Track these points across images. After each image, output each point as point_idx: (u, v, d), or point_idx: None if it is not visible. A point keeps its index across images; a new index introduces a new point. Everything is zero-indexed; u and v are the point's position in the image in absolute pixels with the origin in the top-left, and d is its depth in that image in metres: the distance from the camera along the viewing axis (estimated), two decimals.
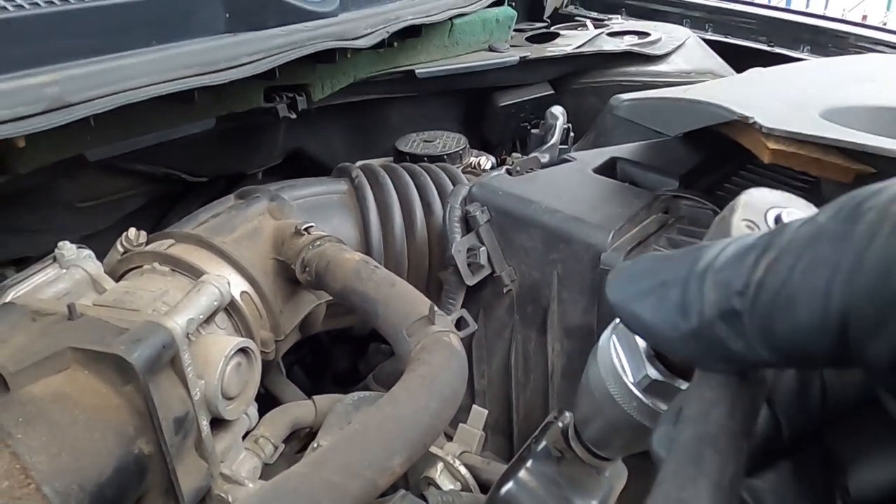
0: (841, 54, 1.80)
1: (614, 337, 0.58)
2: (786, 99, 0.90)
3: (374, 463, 0.60)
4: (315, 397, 1.00)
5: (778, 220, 0.45)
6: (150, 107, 0.86)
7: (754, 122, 0.77)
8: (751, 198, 0.46)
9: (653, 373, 0.54)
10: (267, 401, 1.05)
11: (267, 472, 0.89)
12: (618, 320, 0.59)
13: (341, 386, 1.48)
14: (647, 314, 0.36)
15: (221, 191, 1.46)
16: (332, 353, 1.56)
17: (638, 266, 0.41)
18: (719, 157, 1.07)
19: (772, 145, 0.76)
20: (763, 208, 0.46)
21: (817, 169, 0.76)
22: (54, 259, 0.88)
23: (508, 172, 1.02)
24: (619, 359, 0.57)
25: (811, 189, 1.06)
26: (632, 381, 0.55)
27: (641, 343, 0.56)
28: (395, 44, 1.31)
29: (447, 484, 0.81)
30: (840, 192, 0.72)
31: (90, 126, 0.80)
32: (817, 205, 0.49)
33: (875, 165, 0.72)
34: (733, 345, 0.30)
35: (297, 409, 0.98)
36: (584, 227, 0.87)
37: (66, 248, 0.87)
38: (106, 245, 0.96)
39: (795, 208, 0.47)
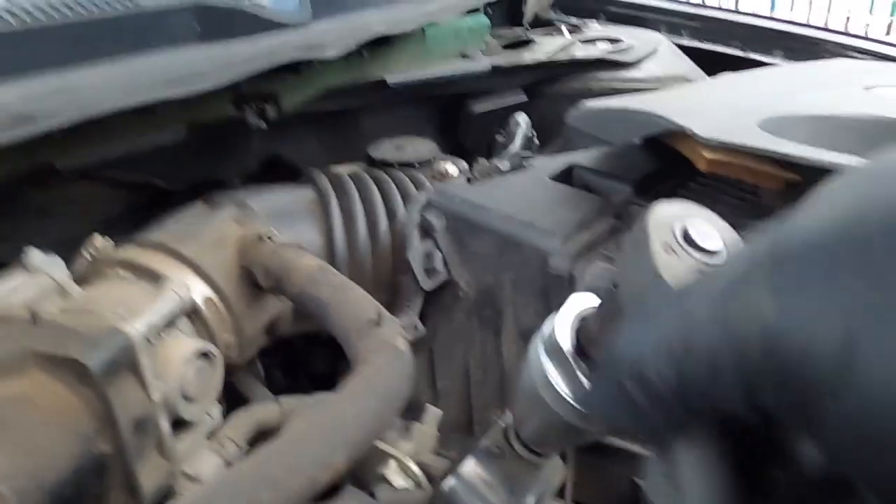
0: (812, 59, 1.83)
1: (542, 351, 0.60)
2: (731, 107, 0.94)
3: (316, 460, 0.63)
4: (281, 398, 1.02)
5: (685, 233, 0.48)
6: (114, 119, 0.89)
7: (692, 133, 0.80)
8: (657, 217, 0.49)
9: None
10: (238, 402, 1.07)
11: None
12: (544, 330, 0.62)
13: (320, 387, 1.50)
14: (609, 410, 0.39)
15: (200, 198, 1.49)
16: (311, 355, 1.59)
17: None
18: (672, 166, 1.10)
19: (708, 155, 0.79)
20: (669, 223, 0.49)
21: (751, 177, 0.79)
22: (21, 265, 0.91)
23: (467, 179, 1.05)
24: (552, 372, 0.60)
25: (756, 195, 1.09)
26: (569, 394, 0.58)
27: (568, 353, 0.59)
28: (365, 53, 1.34)
29: (400, 481, 0.84)
30: (777, 199, 0.76)
31: (55, 138, 0.82)
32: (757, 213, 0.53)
33: (802, 174, 0.76)
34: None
35: (262, 409, 1.00)
36: (533, 233, 0.91)
37: (34, 255, 0.90)
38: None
39: (699, 218, 0.50)
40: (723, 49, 2.03)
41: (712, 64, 1.87)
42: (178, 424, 0.86)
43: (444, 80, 1.56)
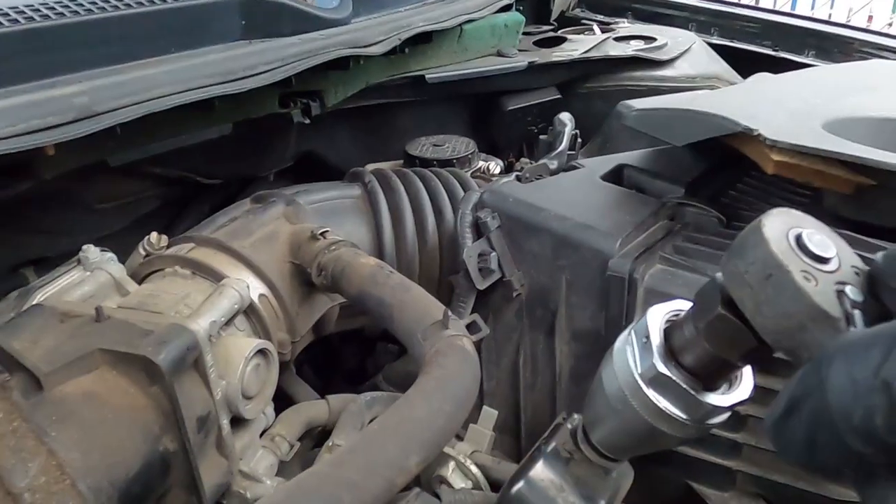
0: (846, 60, 1.82)
1: (631, 335, 0.61)
2: (789, 109, 0.93)
3: (392, 463, 0.62)
4: (329, 397, 1.02)
5: (798, 238, 0.48)
6: (171, 115, 0.89)
7: (759, 135, 0.79)
8: (772, 223, 0.49)
9: (659, 364, 0.57)
10: (279, 400, 1.07)
11: (283, 469, 0.92)
12: (635, 322, 0.62)
13: (350, 385, 1.50)
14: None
15: (233, 193, 1.49)
16: (341, 352, 1.59)
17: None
18: (724, 166, 1.09)
19: (775, 157, 0.78)
20: (784, 230, 0.48)
21: (819, 180, 0.78)
22: (78, 262, 0.91)
23: (518, 179, 1.05)
24: (633, 353, 0.60)
25: (813, 197, 1.08)
26: (638, 371, 0.59)
27: (656, 340, 0.59)
28: (407, 50, 1.33)
29: (459, 482, 0.84)
30: (842, 203, 0.75)
31: (115, 133, 0.82)
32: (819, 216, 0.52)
33: (875, 178, 0.75)
34: None
35: (312, 408, 1.00)
36: (592, 234, 0.90)
37: (91, 251, 0.90)
38: (121, 246, 0.99)
39: (812, 228, 0.50)
40: (754, 48, 2.01)
41: (743, 63, 1.86)
42: (235, 422, 0.85)
43: (480, 77, 1.55)
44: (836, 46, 1.92)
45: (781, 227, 0.50)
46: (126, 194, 1.26)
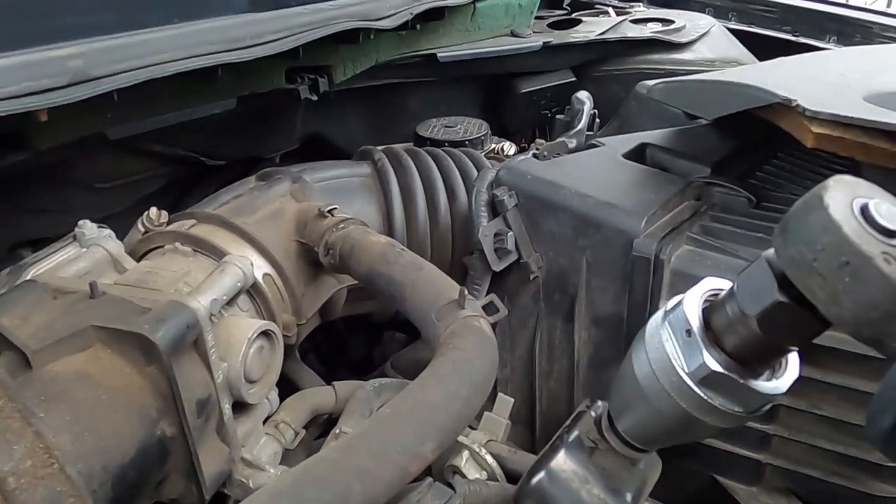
0: (867, 44, 1.76)
1: (667, 323, 0.56)
2: (826, 82, 0.88)
3: (405, 449, 0.58)
4: (335, 383, 0.98)
5: (864, 210, 0.43)
6: (172, 84, 0.85)
7: (797, 105, 0.74)
8: (835, 193, 0.44)
9: (711, 362, 0.52)
10: (284, 386, 1.03)
11: (287, 457, 0.88)
12: (669, 304, 0.57)
13: (356, 374, 1.46)
14: None
15: (239, 175, 1.44)
16: (348, 340, 1.55)
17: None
18: (751, 144, 1.04)
19: (816, 129, 0.73)
20: (848, 201, 0.44)
21: (863, 154, 0.73)
22: (74, 238, 0.87)
23: (535, 157, 1.00)
24: (673, 346, 0.55)
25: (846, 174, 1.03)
26: (686, 370, 0.53)
27: (697, 329, 0.54)
28: (418, 26, 1.28)
29: (473, 472, 0.80)
30: (883, 179, 0.69)
31: (113, 102, 0.78)
32: None
33: None
34: None
35: (318, 394, 0.96)
36: (616, 213, 0.85)
37: (87, 227, 0.86)
38: (123, 227, 0.94)
39: (875, 196, 0.45)
40: (773, 33, 1.96)
41: (762, 48, 1.81)
42: (237, 407, 0.81)
43: (493, 58, 1.50)
44: (857, 31, 1.87)
45: (844, 200, 0.45)
46: (127, 173, 1.22)
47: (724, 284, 0.57)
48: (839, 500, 0.80)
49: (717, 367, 0.52)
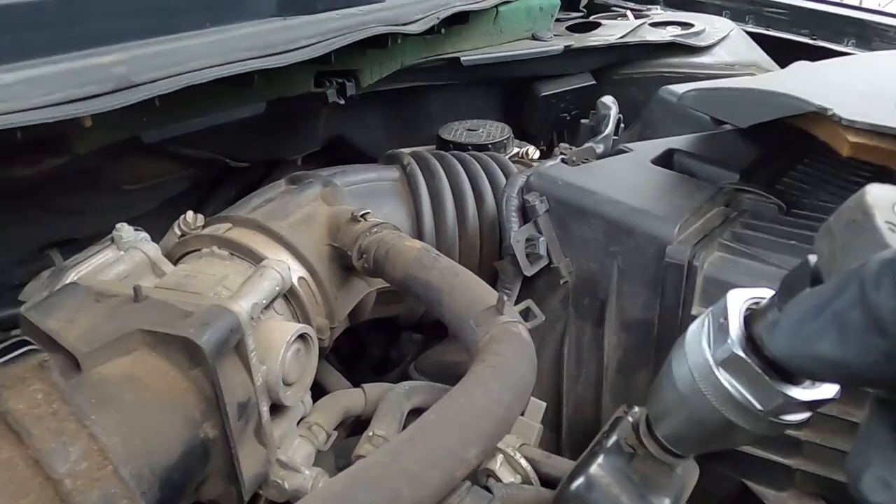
0: (886, 48, 1.76)
1: (708, 317, 0.56)
2: (858, 91, 0.88)
3: (451, 454, 0.59)
4: (364, 385, 0.99)
5: None
6: (209, 89, 0.85)
7: (833, 115, 0.75)
8: (874, 198, 0.45)
9: (735, 347, 0.53)
10: (312, 388, 1.04)
11: (319, 458, 0.89)
12: (711, 309, 0.58)
13: (374, 374, 1.47)
14: (832, 350, 0.35)
15: (260, 176, 1.46)
16: (366, 341, 1.56)
17: (795, 311, 0.40)
18: (778, 150, 1.05)
19: (852, 138, 0.74)
20: (888, 205, 0.44)
21: None
22: (112, 241, 0.88)
23: (564, 162, 1.00)
24: (708, 336, 0.56)
25: (874, 181, 1.03)
26: (712, 353, 0.54)
27: (734, 324, 0.54)
28: (443, 30, 1.29)
29: (507, 476, 0.80)
30: None
31: (153, 107, 0.79)
32: None
33: None
34: None
35: (348, 396, 0.97)
36: (648, 219, 0.86)
37: (125, 230, 0.87)
38: (148, 228, 0.95)
39: None
40: (790, 36, 1.96)
41: (779, 52, 1.80)
42: (274, 409, 0.82)
43: (515, 61, 1.51)
44: (877, 34, 1.86)
45: (886, 195, 0.46)
46: (155, 175, 1.23)
47: (766, 293, 0.58)
48: None
49: (738, 352, 0.52)
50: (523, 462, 0.80)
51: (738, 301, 0.56)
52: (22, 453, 0.56)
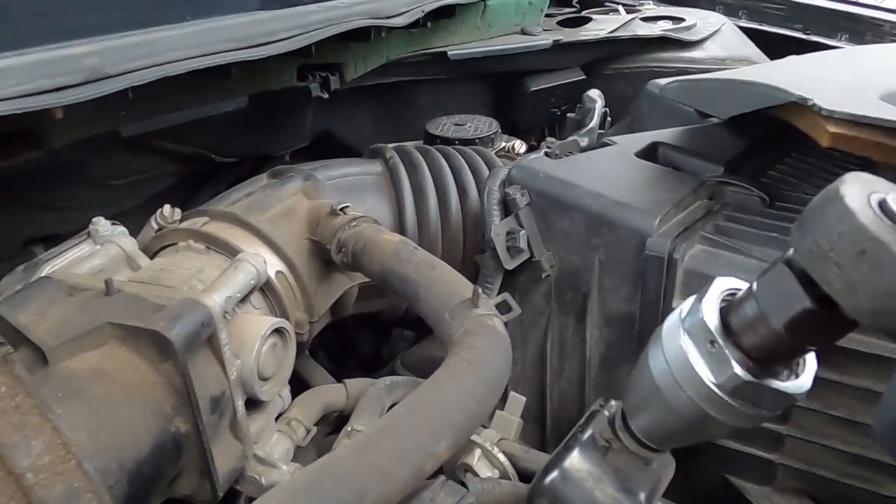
0: (879, 42, 1.75)
1: (686, 328, 0.55)
2: (841, 82, 0.87)
3: (420, 448, 0.58)
4: (346, 381, 0.98)
5: (882, 204, 0.43)
6: (186, 82, 0.85)
7: (813, 105, 0.74)
8: (852, 188, 0.44)
9: (742, 373, 0.52)
10: (295, 383, 1.03)
11: (298, 454, 0.88)
12: (685, 306, 0.57)
13: (364, 371, 1.46)
14: None
15: (249, 172, 1.45)
16: (356, 338, 1.55)
17: None
18: (764, 143, 1.04)
19: (832, 128, 0.73)
20: (865, 195, 0.43)
21: (880, 153, 0.73)
22: (88, 235, 0.87)
23: (547, 155, 0.99)
24: (697, 355, 0.54)
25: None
26: (714, 381, 0.53)
27: (720, 338, 0.53)
28: (429, 24, 1.28)
29: (485, 471, 0.80)
30: None
31: (127, 99, 0.78)
32: None
33: None
34: None
35: (329, 392, 0.96)
36: (629, 212, 0.85)
37: (101, 224, 0.86)
38: (134, 224, 0.95)
39: (893, 191, 0.45)
40: (783, 31, 1.95)
41: (772, 46, 1.80)
42: (250, 404, 0.81)
43: (503, 56, 1.50)
44: (869, 29, 1.85)
45: (861, 193, 0.44)
46: (139, 170, 1.23)
47: (739, 284, 0.57)
48: (853, 501, 0.80)
49: (748, 378, 0.52)
50: (501, 457, 0.80)
51: (714, 309, 0.55)
52: None
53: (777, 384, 0.52)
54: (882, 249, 0.41)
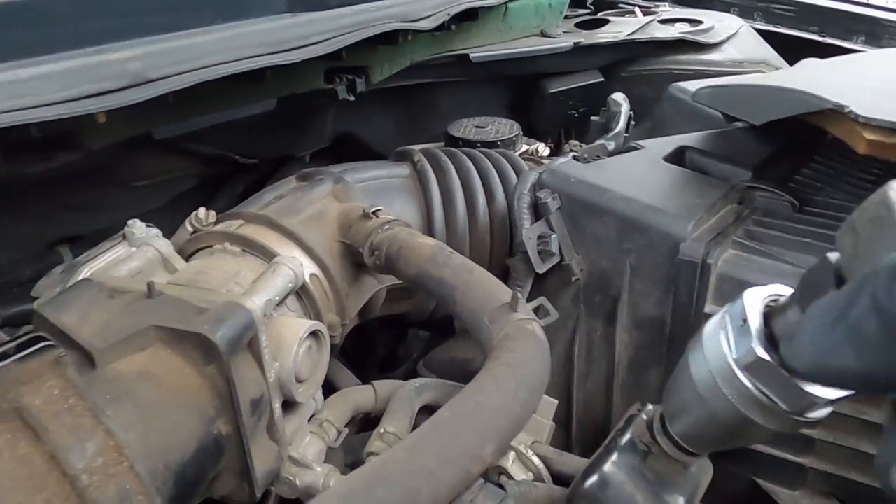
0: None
1: (726, 317, 0.56)
2: (874, 88, 0.87)
3: (467, 451, 0.59)
4: (374, 382, 0.99)
5: None
6: (222, 85, 0.85)
7: (850, 112, 0.74)
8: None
9: (759, 350, 0.53)
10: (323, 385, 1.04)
11: (329, 455, 0.89)
12: (730, 305, 0.58)
13: (380, 371, 1.47)
14: (853, 362, 0.34)
15: (267, 173, 1.46)
16: (372, 338, 1.56)
17: (812, 324, 0.40)
18: (790, 147, 1.04)
19: (869, 135, 0.74)
20: None
21: None
22: (123, 237, 0.88)
23: (576, 159, 1.00)
24: (727, 337, 0.56)
25: (885, 178, 1.03)
26: (734, 356, 0.54)
27: (755, 324, 0.54)
28: (453, 27, 1.28)
29: (519, 474, 0.80)
30: None
31: (167, 103, 0.79)
32: None
33: None
34: None
35: (358, 393, 0.97)
36: (662, 217, 0.85)
37: (136, 227, 0.87)
38: (157, 224, 0.95)
39: None
40: (799, 33, 1.95)
41: (788, 48, 1.80)
42: (286, 406, 0.82)
43: (524, 58, 1.51)
44: (887, 32, 1.85)
45: None
46: (164, 171, 1.23)
47: (784, 290, 0.57)
48: None
49: (763, 355, 0.52)
50: (535, 460, 0.80)
51: (756, 300, 0.56)
52: (38, 449, 0.56)
53: (827, 392, 0.52)
54: (893, 216, 0.42)
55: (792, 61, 1.60)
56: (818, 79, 0.93)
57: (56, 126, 0.70)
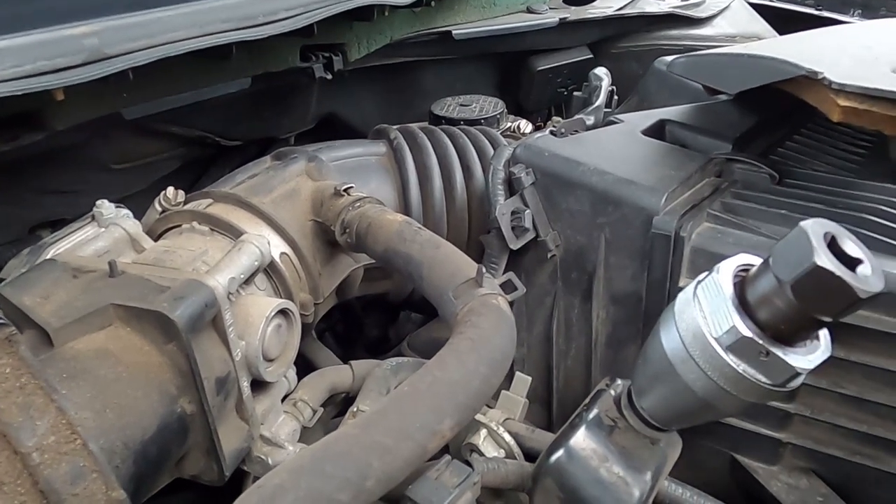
0: (893, 17, 1.72)
1: (698, 295, 0.55)
2: (852, 55, 0.85)
3: (424, 426, 0.58)
4: (352, 362, 0.98)
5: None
6: (187, 63, 0.84)
7: (823, 78, 0.72)
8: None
9: (741, 327, 0.51)
10: (301, 365, 1.03)
11: (305, 435, 0.88)
12: (701, 277, 0.56)
13: (371, 353, 1.47)
14: None
15: (254, 155, 1.44)
16: (363, 320, 1.55)
17: None
18: (773, 120, 1.02)
19: (842, 102, 0.72)
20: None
21: (891, 127, 0.72)
22: (93, 217, 0.87)
23: (553, 134, 0.98)
24: (703, 312, 0.54)
25: (872, 151, 1.01)
26: (715, 336, 0.53)
27: (729, 296, 0.53)
28: (433, 3, 1.26)
29: (491, 451, 0.80)
30: None
31: (128, 81, 0.78)
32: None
33: None
34: None
35: (335, 373, 0.96)
36: (635, 190, 0.84)
37: (105, 207, 0.86)
38: (140, 208, 0.95)
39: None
40: (795, 7, 1.91)
41: (784, 22, 1.76)
42: (256, 385, 0.81)
43: (509, 35, 1.48)
44: (883, 4, 1.82)
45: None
46: (144, 154, 1.22)
47: (756, 261, 0.56)
48: (861, 480, 0.79)
49: (746, 332, 0.51)
50: (507, 436, 0.80)
51: (728, 273, 0.55)
52: None
53: (781, 353, 0.51)
54: None
55: (786, 35, 1.57)
56: (797, 48, 0.90)
57: (12, 104, 0.69)
